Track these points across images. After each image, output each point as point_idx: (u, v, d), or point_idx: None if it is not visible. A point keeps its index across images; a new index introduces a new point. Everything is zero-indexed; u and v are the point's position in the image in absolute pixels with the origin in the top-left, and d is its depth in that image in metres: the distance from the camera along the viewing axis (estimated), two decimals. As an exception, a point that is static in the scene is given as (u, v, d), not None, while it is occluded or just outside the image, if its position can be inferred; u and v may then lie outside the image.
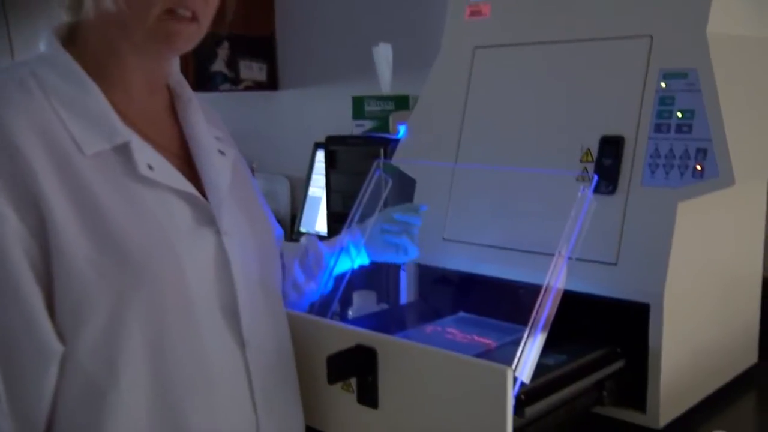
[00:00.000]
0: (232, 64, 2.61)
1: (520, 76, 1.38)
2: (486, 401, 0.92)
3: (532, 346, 0.97)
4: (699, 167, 1.14)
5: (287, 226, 2.47)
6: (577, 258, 1.05)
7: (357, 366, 1.04)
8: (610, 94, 1.25)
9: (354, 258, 1.34)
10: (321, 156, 2.14)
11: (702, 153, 1.14)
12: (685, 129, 1.16)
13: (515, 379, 0.92)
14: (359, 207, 1.30)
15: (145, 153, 0.93)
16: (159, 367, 0.89)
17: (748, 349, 1.45)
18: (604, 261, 1.21)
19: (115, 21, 0.92)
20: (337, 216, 1.87)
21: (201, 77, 2.53)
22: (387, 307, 1.59)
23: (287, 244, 1.33)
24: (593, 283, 1.21)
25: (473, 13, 1.46)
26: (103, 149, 0.90)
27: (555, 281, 1.00)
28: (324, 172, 1.96)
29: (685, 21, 1.19)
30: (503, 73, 1.40)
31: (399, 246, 1.32)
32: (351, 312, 1.56)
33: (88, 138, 0.89)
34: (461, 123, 1.43)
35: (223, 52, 2.58)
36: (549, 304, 0.99)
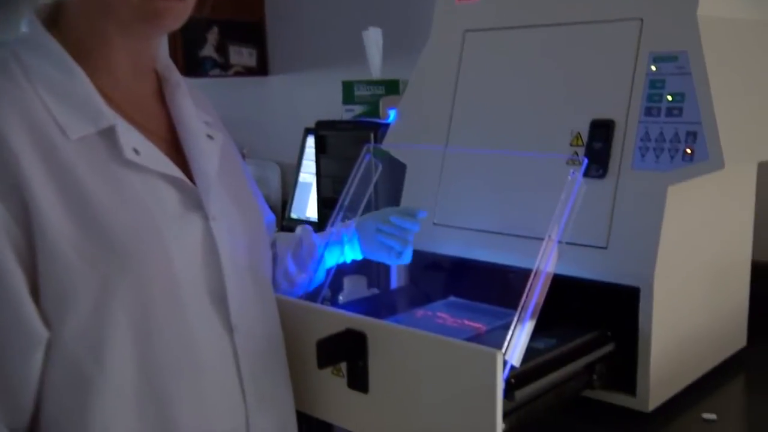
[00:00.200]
0: (221, 49, 2.59)
1: (510, 59, 1.37)
2: (476, 385, 0.92)
3: (521, 329, 0.97)
4: (689, 150, 1.14)
5: (278, 212, 2.46)
6: (568, 242, 1.05)
7: (347, 350, 1.03)
8: (600, 77, 1.25)
9: (347, 252, 1.33)
10: (311, 142, 2.13)
11: (692, 136, 1.14)
12: (676, 112, 1.16)
13: (505, 363, 0.93)
14: (349, 192, 1.30)
15: (131, 137, 0.92)
16: (145, 353, 0.89)
17: (737, 333, 1.46)
18: (594, 245, 1.21)
19: (99, 1, 0.90)
20: (328, 201, 1.87)
21: (190, 62, 2.51)
22: (377, 292, 1.59)
23: (281, 234, 1.33)
24: (583, 267, 1.21)
25: (463, -3, 1.45)
26: (88, 133, 0.89)
27: (545, 265, 1.00)
28: (314, 157, 1.96)
29: (676, 3, 1.19)
30: (493, 57, 1.40)
31: (392, 249, 1.31)
32: (341, 297, 1.56)
33: (72, 122, 0.88)
34: (451, 107, 1.43)
35: (213, 37, 2.56)
36: (539, 288, 0.99)
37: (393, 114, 1.58)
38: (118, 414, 0.88)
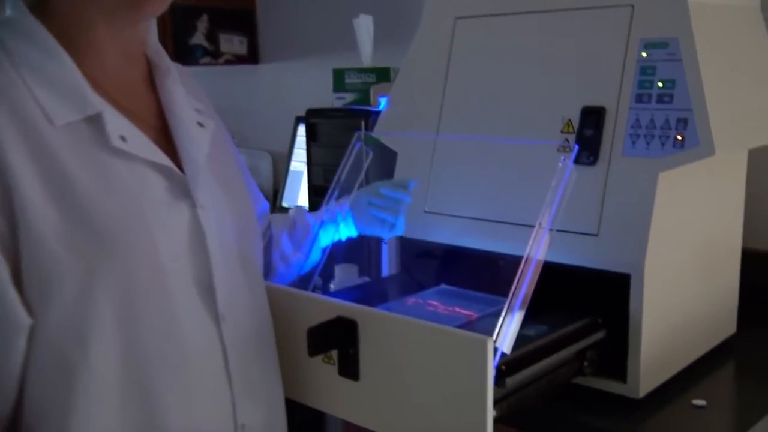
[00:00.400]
0: (211, 37, 2.57)
1: (501, 46, 1.37)
2: (467, 372, 0.92)
3: (512, 317, 0.96)
4: (680, 137, 1.14)
5: (269, 201, 2.45)
6: (559, 229, 1.04)
7: (338, 338, 1.03)
8: (591, 64, 1.25)
9: (342, 230, 1.33)
10: (302, 130, 2.13)
11: (683, 123, 1.14)
12: (666, 99, 1.16)
13: (496, 350, 0.92)
14: (339, 179, 1.29)
15: (119, 124, 0.91)
16: (130, 342, 0.88)
17: (727, 320, 1.46)
18: (585, 232, 1.21)
19: None
20: (319, 189, 1.87)
21: (180, 51, 2.49)
22: (369, 280, 1.59)
23: (276, 215, 1.32)
24: (574, 254, 1.21)
25: (454, -17, 1.44)
26: (74, 120, 0.87)
27: (535, 252, 1.00)
28: (305, 145, 1.95)
29: (667, -10, 1.19)
30: (484, 44, 1.39)
31: (386, 221, 1.31)
32: (333, 285, 1.56)
33: (57, 108, 0.87)
34: (442, 95, 1.42)
35: (203, 25, 2.55)
36: (529, 275, 0.99)
37: (384, 102, 1.58)
38: (101, 402, 0.87)
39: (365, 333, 1.02)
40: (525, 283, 0.98)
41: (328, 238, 1.32)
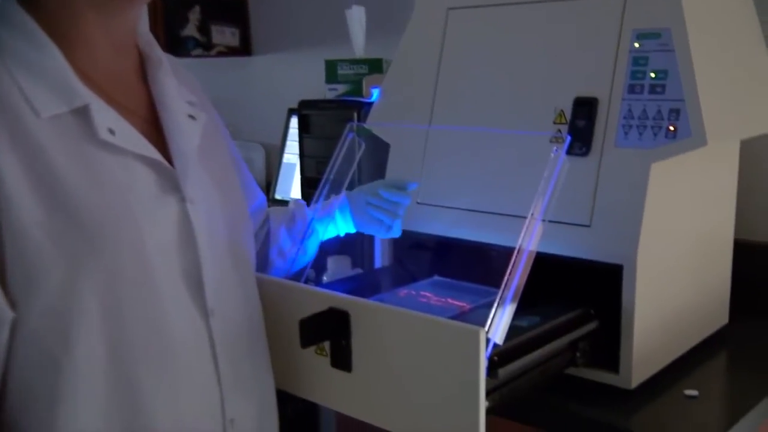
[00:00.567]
0: (203, 28, 2.56)
1: (493, 37, 1.36)
2: (459, 363, 0.92)
3: (504, 307, 0.96)
4: (672, 128, 1.14)
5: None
6: (552, 220, 1.04)
7: (330, 329, 1.03)
8: (583, 54, 1.25)
9: (340, 225, 1.32)
10: (295, 122, 2.12)
11: (675, 113, 1.14)
12: (659, 89, 1.16)
13: (488, 341, 0.92)
14: (332, 171, 1.29)
15: (107, 117, 0.90)
16: (115, 336, 0.87)
17: (719, 310, 1.47)
18: (577, 223, 1.20)
19: None
20: (311, 181, 1.86)
21: (172, 42, 2.48)
22: (361, 272, 1.59)
23: (274, 209, 1.32)
24: (567, 245, 1.21)
25: (446, -26, 1.44)
26: (61, 112, 0.87)
27: (527, 243, 1.00)
28: (298, 137, 1.95)
29: (659, -20, 1.18)
30: (477, 35, 1.39)
31: (383, 222, 1.31)
32: (325, 277, 1.56)
33: (44, 100, 0.86)
34: (435, 86, 1.42)
35: (194, 16, 2.54)
36: (521, 266, 0.99)
37: (376, 93, 1.57)
38: (86, 396, 0.86)
39: (357, 324, 1.02)
40: (517, 274, 0.98)
41: (327, 233, 1.32)
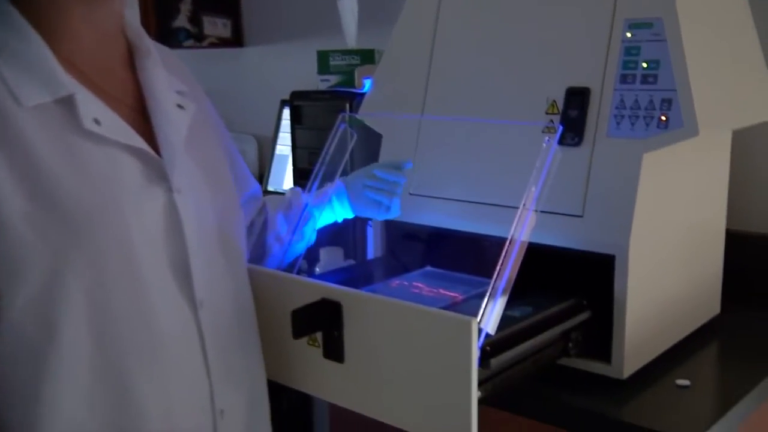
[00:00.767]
0: (195, 19, 2.55)
1: (485, 27, 1.36)
2: (451, 353, 0.92)
3: (497, 298, 0.96)
4: (664, 118, 1.14)
5: (255, 185, 2.44)
6: (544, 210, 1.04)
7: (322, 320, 1.03)
8: (576, 44, 1.24)
9: (338, 211, 1.32)
10: (288, 113, 2.12)
11: (667, 103, 1.14)
12: (651, 79, 1.16)
13: (480, 331, 0.92)
14: (324, 161, 1.28)
15: (92, 106, 0.89)
16: (101, 328, 0.87)
17: (711, 300, 1.47)
18: (570, 213, 1.21)
19: None
20: (304, 172, 1.86)
21: (163, 33, 2.46)
22: (354, 263, 1.59)
23: (271, 196, 1.32)
24: (559, 235, 1.21)
25: (439, -36, 1.43)
26: (44, 101, 0.86)
27: (519, 234, 1.00)
28: (290, 129, 1.94)
29: (651, -31, 1.18)
30: (469, 25, 1.38)
31: (381, 203, 1.30)
32: (318, 268, 1.56)
33: (26, 89, 0.85)
34: (427, 76, 1.41)
35: (186, 7, 2.52)
36: (513, 256, 0.99)
37: (368, 83, 1.57)
38: (71, 389, 0.86)
39: (350, 315, 1.01)
40: (509, 265, 0.98)
41: (324, 219, 1.31)
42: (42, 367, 0.85)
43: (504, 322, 0.99)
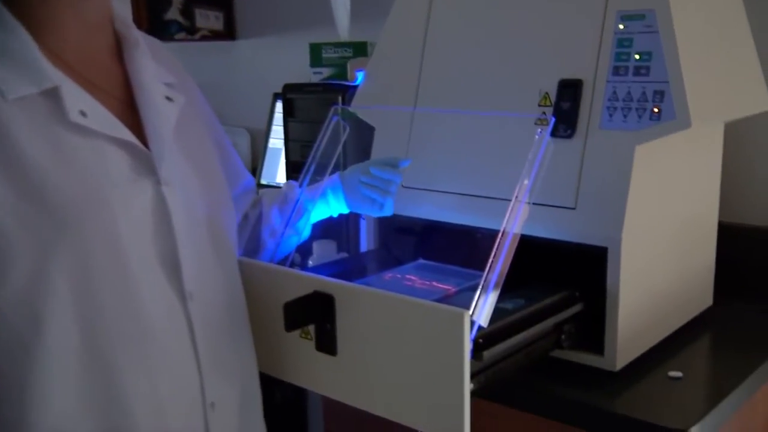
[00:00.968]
0: (187, 12, 2.54)
1: (478, 19, 1.36)
2: (444, 345, 0.92)
3: (489, 290, 0.96)
4: (656, 110, 1.14)
5: (248, 178, 2.44)
6: (536, 203, 1.04)
7: (314, 313, 1.02)
8: (568, 37, 1.24)
9: (333, 206, 1.32)
10: (280, 107, 2.11)
11: (659, 95, 1.14)
12: (643, 71, 1.16)
13: (473, 323, 0.92)
14: (316, 154, 1.28)
15: (78, 98, 0.88)
16: (89, 321, 0.86)
17: (703, 293, 1.47)
18: (562, 205, 1.20)
19: None
20: (296, 165, 1.86)
21: (154, 26, 2.45)
22: (347, 256, 1.59)
23: (267, 190, 1.31)
24: (552, 228, 1.21)
25: (431, -44, 1.43)
26: (29, 94, 0.85)
27: (512, 226, 0.99)
28: (283, 122, 1.94)
29: (644, -39, 1.18)
30: (461, 17, 1.38)
31: (375, 201, 1.30)
32: (311, 261, 1.55)
33: (10, 82, 0.85)
34: (420, 68, 1.41)
35: (178, -1, 2.51)
36: (506, 249, 0.98)
37: (361, 76, 1.57)
38: (59, 382, 0.86)
39: (342, 308, 1.01)
40: (502, 257, 0.98)
41: (319, 213, 1.31)
42: (30, 361, 0.84)
43: (497, 314, 0.99)
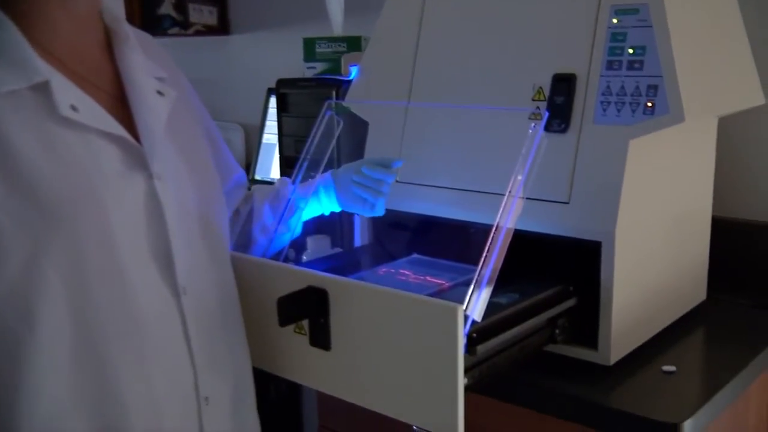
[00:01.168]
0: (180, 7, 2.53)
1: (472, 14, 1.36)
2: (437, 340, 0.92)
3: (483, 285, 0.96)
4: (650, 104, 1.14)
5: (242, 174, 2.43)
6: (530, 197, 1.04)
7: (308, 308, 1.02)
8: (562, 31, 1.24)
9: (325, 204, 1.32)
10: (275, 102, 2.10)
11: (653, 89, 1.14)
12: (637, 65, 1.16)
13: (466, 318, 0.92)
14: (310, 149, 1.28)
15: (69, 93, 0.88)
16: (82, 317, 0.86)
17: (697, 287, 1.48)
18: (556, 200, 1.20)
19: None
20: (290, 160, 1.85)
21: (148, 21, 2.44)
22: (341, 251, 1.59)
23: (259, 186, 1.31)
24: (546, 222, 1.21)
25: (425, -50, 1.43)
26: (18, 88, 0.85)
27: (505, 221, 0.99)
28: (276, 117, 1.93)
29: (637, -45, 1.18)
30: (455, 11, 1.38)
31: (366, 200, 1.30)
32: (305, 256, 1.55)
33: None
34: (413, 63, 1.41)
35: (171, -6, 2.50)
36: (499, 243, 0.98)
37: (355, 71, 1.56)
38: (51, 377, 0.85)
39: (336, 302, 1.01)
40: (495, 252, 0.98)
41: (311, 211, 1.31)
42: (22, 356, 0.84)
43: (490, 308, 0.99)
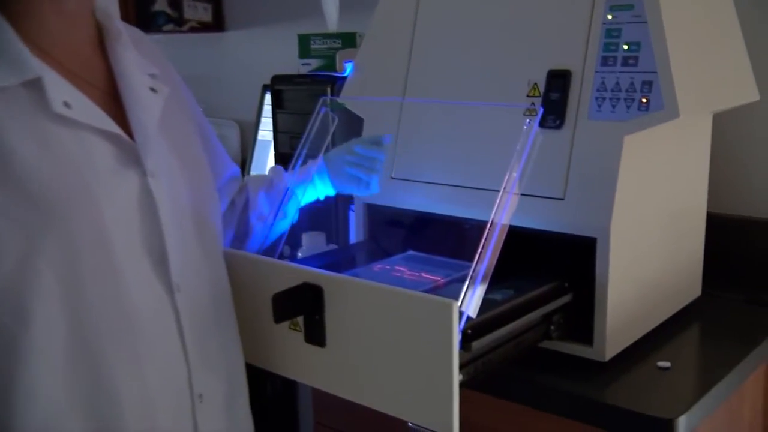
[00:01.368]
0: (175, 3, 2.52)
1: (467, 10, 1.35)
2: (432, 336, 0.92)
3: (478, 281, 0.96)
4: (645, 100, 1.14)
5: (237, 170, 2.43)
6: (525, 193, 1.04)
7: (303, 304, 1.02)
8: (557, 27, 1.24)
9: (319, 188, 1.31)
10: (269, 98, 2.10)
11: (648, 86, 1.14)
12: (631, 61, 1.16)
13: (461, 314, 0.92)
14: (305, 145, 1.28)
15: (62, 89, 0.88)
16: (76, 314, 0.86)
17: (692, 283, 1.48)
18: (551, 196, 1.20)
19: None
20: (285, 157, 1.85)
21: (142, 17, 2.43)
22: (336, 248, 1.58)
23: (252, 176, 1.31)
24: (541, 218, 1.21)
25: (419, -54, 1.42)
26: (10, 84, 0.85)
27: (500, 217, 0.99)
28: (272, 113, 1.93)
29: (632, -49, 1.18)
30: (450, 8, 1.38)
31: (361, 179, 1.30)
32: (300, 253, 1.55)
33: None
34: (408, 59, 1.41)
35: (166, -10, 2.50)
36: (494, 239, 0.98)
37: (350, 67, 1.56)
38: (46, 374, 0.85)
39: (331, 299, 1.01)
40: (490, 248, 0.98)
41: (306, 197, 1.31)
42: (17, 354, 0.84)
43: (485, 305, 0.99)
